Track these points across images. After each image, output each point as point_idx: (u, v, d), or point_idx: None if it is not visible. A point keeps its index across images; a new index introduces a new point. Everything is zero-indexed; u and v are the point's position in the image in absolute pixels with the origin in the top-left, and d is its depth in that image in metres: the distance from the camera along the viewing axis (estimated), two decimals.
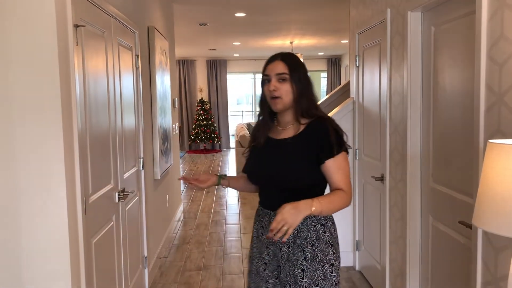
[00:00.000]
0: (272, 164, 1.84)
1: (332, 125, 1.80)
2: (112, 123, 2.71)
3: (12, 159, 1.89)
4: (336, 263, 1.82)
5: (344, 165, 1.80)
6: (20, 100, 1.89)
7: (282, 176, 1.80)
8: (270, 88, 1.81)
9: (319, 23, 7.76)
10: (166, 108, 4.65)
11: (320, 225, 1.80)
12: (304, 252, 1.78)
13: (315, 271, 1.77)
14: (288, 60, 1.84)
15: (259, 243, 1.92)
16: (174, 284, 3.74)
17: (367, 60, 3.62)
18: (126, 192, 2.88)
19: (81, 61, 2.19)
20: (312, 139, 1.79)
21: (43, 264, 1.94)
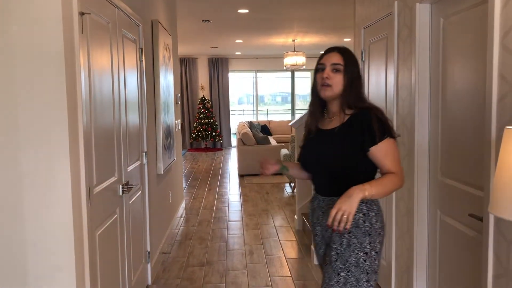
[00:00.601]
0: (320, 153, 1.97)
1: (375, 114, 1.87)
2: (116, 115, 2.68)
3: (16, 149, 1.87)
4: (371, 253, 1.87)
5: (392, 150, 1.87)
6: (24, 90, 1.86)
7: (330, 164, 1.93)
8: (324, 75, 1.91)
9: (322, 20, 7.73)
10: (169, 103, 4.62)
11: (361, 214, 1.87)
12: (341, 237, 1.88)
13: (349, 257, 1.86)
14: (345, 53, 1.94)
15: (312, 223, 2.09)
16: (177, 279, 3.71)
17: (373, 54, 3.58)
18: (130, 185, 2.85)
19: (86, 50, 2.16)
20: (355, 128, 1.88)
21: (48, 254, 1.92)
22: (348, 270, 1.84)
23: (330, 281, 1.88)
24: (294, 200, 6.51)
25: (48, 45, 1.87)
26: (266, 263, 4.06)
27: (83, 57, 2.10)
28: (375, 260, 1.88)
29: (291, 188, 7.43)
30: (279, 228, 5.16)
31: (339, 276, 1.85)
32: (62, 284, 1.93)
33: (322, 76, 1.92)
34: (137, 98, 3.32)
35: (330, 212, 1.73)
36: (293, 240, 4.70)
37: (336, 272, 1.86)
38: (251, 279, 3.69)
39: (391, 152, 1.86)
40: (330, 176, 1.95)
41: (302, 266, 3.98)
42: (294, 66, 9.87)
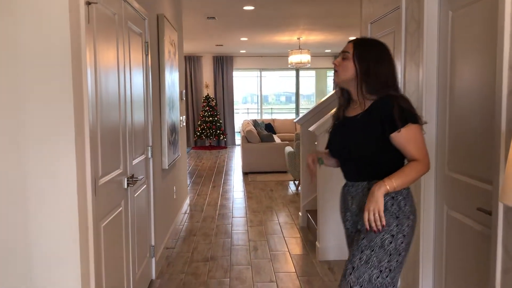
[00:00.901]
0: (344, 140, 2.03)
1: (396, 101, 1.87)
2: (122, 108, 2.67)
3: (23, 141, 1.86)
4: (398, 235, 1.89)
5: (415, 136, 1.87)
6: (30, 81, 1.85)
7: (353, 151, 1.98)
8: (333, 62, 2.02)
9: (327, 17, 7.71)
10: (174, 99, 4.61)
11: (389, 197, 1.90)
12: None
13: (374, 237, 1.89)
14: (357, 41, 2.01)
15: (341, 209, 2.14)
16: (182, 274, 3.70)
17: None
18: (135, 178, 2.84)
19: (92, 41, 2.15)
20: (375, 115, 1.91)
21: (52, 244, 1.91)
22: (372, 250, 1.88)
23: (353, 258, 1.92)
24: (298, 198, 6.49)
25: (54, 35, 1.86)
26: (270, 259, 4.05)
27: (89, 47, 2.09)
28: (402, 243, 1.90)
29: (295, 185, 7.42)
30: (283, 224, 5.14)
31: (362, 254, 1.89)
32: (66, 274, 1.93)
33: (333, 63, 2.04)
34: (143, 92, 3.31)
35: (363, 217, 1.83)
36: (297, 237, 4.69)
37: (360, 249, 1.91)
38: (256, 275, 3.68)
39: (413, 139, 1.86)
40: (354, 162, 2.01)
41: (307, 262, 3.96)
42: (299, 64, 9.85)
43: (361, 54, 1.96)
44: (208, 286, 3.47)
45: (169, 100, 4.26)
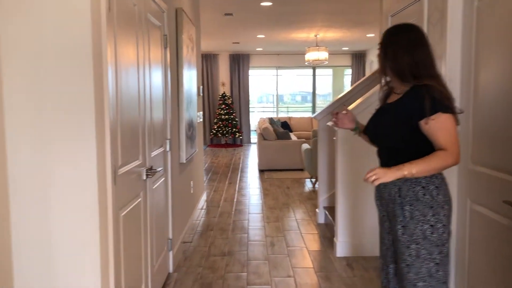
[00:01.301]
0: (377, 126, 2.08)
1: (428, 90, 1.83)
2: (141, 99, 2.67)
3: (41, 129, 1.87)
4: (437, 225, 1.87)
5: (445, 126, 1.83)
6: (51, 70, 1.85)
7: (384, 137, 2.02)
8: None
9: (346, 14, 7.64)
10: (192, 93, 4.61)
11: (419, 187, 1.88)
12: (403, 210, 1.91)
13: (414, 229, 1.88)
14: (386, 31, 2.03)
15: (377, 196, 2.15)
16: (199, 268, 3.70)
17: None
18: (154, 170, 2.84)
19: (112, 30, 2.15)
20: (406, 103, 1.91)
21: (73, 231, 1.91)
22: (417, 243, 1.87)
23: (402, 255, 1.91)
24: (315, 195, 6.45)
25: (75, 24, 1.85)
26: (287, 254, 4.02)
27: (110, 37, 2.08)
28: (443, 233, 1.88)
29: (311, 183, 7.37)
30: (300, 221, 5.11)
31: (409, 249, 1.89)
32: (86, 261, 1.93)
33: None
34: (161, 85, 3.31)
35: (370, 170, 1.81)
36: (314, 233, 4.65)
37: (405, 245, 1.90)
38: (273, 270, 3.65)
39: (443, 128, 1.83)
40: (386, 150, 2.05)
41: (325, 258, 3.92)
42: (316, 61, 9.79)
43: (387, 44, 1.97)
44: (225, 280, 3.46)
45: (187, 94, 4.26)
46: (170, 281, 3.43)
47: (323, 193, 5.02)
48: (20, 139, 1.87)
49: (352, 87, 5.09)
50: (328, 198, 5.00)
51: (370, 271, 3.61)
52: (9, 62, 1.84)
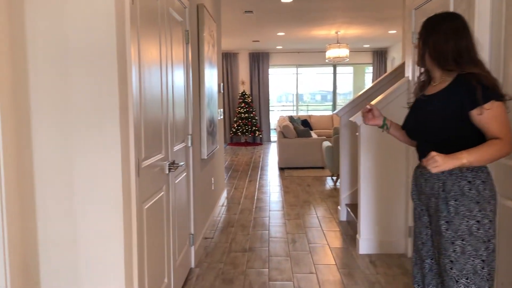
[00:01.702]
0: (421, 119, 1.98)
1: (477, 78, 1.78)
2: (164, 93, 2.67)
3: (66, 125, 1.88)
4: (484, 221, 1.81)
5: (497, 114, 1.76)
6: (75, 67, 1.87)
7: (429, 130, 1.92)
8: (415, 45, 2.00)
9: (367, 10, 7.55)
10: (213, 90, 4.62)
11: (465, 182, 1.83)
12: (448, 205, 1.85)
13: (459, 225, 1.82)
14: (426, 20, 1.96)
15: (415, 190, 2.08)
16: (220, 263, 3.70)
17: None
18: (176, 164, 2.84)
19: (136, 25, 2.15)
20: (454, 93, 1.84)
21: (97, 222, 1.92)
22: (463, 239, 1.81)
23: (446, 251, 1.85)
24: (336, 193, 6.39)
25: (99, 20, 1.86)
26: (309, 251, 3.98)
27: (133, 32, 2.09)
28: (489, 229, 1.82)
29: (333, 181, 7.31)
30: (321, 218, 5.06)
31: (454, 245, 1.83)
32: (110, 252, 1.94)
33: None
34: (183, 80, 3.32)
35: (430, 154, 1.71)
36: (336, 231, 4.60)
37: (450, 241, 1.84)
38: (295, 266, 3.63)
39: (496, 117, 1.76)
40: (430, 143, 1.93)
41: (347, 255, 3.88)
42: (337, 58, 9.71)
43: (427, 32, 1.91)
44: (247, 275, 3.45)
45: (208, 90, 4.27)
46: (192, 276, 3.43)
47: (345, 191, 4.96)
48: (46, 135, 1.89)
49: (374, 83, 5.02)
50: (350, 195, 4.95)
51: (394, 268, 3.55)
52: (35, 60, 1.86)
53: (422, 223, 2.05)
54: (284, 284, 3.29)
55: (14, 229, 1.75)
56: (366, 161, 3.85)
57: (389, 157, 3.83)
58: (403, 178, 3.82)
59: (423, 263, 2.05)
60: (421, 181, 2.00)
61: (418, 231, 2.07)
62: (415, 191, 2.08)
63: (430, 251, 2.02)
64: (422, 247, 2.05)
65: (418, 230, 2.08)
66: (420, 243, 2.06)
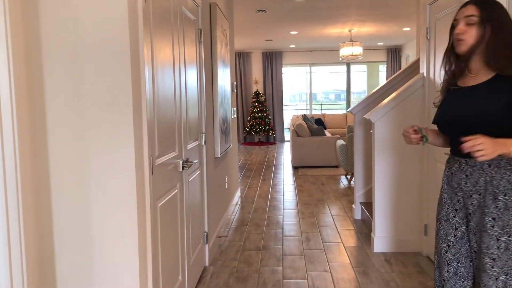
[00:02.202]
0: (461, 111, 1.84)
1: None
2: (177, 92, 2.69)
3: (81, 124, 1.90)
4: None
5: None
6: (89, 66, 1.88)
7: (471, 123, 1.78)
8: (456, 31, 1.79)
9: (381, 7, 7.49)
10: (226, 88, 4.63)
11: None
12: (496, 201, 1.75)
13: (508, 221, 1.73)
14: (481, 3, 1.76)
15: (449, 189, 1.94)
16: (234, 262, 3.70)
17: (440, 31, 3.39)
18: (190, 162, 2.85)
19: (148, 24, 2.16)
20: (506, 83, 1.73)
21: (111, 219, 1.93)
22: (509, 235, 1.72)
23: (489, 250, 1.76)
24: (350, 191, 6.35)
25: (112, 20, 1.87)
26: (323, 249, 3.96)
27: (146, 31, 2.10)
28: None
29: (347, 179, 7.26)
30: (336, 217, 5.04)
31: (499, 242, 1.74)
32: (125, 249, 1.95)
33: (455, 32, 1.80)
34: (196, 79, 3.33)
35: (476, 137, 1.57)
36: (351, 229, 4.57)
37: (495, 238, 1.75)
38: (309, 264, 3.61)
39: None
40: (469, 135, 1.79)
41: (362, 253, 3.85)
42: (351, 57, 9.65)
43: (491, 16, 1.73)
44: (261, 274, 3.45)
45: (221, 89, 4.27)
46: (206, 274, 3.44)
47: (359, 189, 4.93)
48: (61, 134, 1.90)
49: (388, 80, 4.97)
50: (364, 194, 4.91)
51: (409, 266, 3.52)
52: (51, 60, 1.87)
53: (450, 224, 1.94)
54: (298, 282, 3.28)
55: (30, 228, 1.77)
56: (380, 159, 3.82)
57: (404, 155, 3.79)
58: (418, 176, 3.78)
59: (448, 267, 1.95)
60: (459, 177, 1.87)
61: (444, 233, 1.96)
62: (448, 190, 1.95)
63: (457, 254, 1.92)
64: (448, 250, 1.94)
65: (444, 232, 1.96)
66: (445, 245, 1.95)
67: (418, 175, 3.78)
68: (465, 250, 1.90)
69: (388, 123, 3.79)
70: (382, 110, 3.78)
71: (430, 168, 3.62)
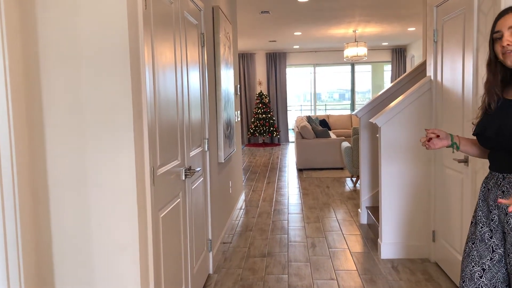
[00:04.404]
0: (502, 126, 1.71)
1: None
2: (179, 99, 2.63)
3: (79, 132, 1.85)
4: None
5: None
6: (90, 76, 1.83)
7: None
8: (503, 44, 1.65)
9: (385, 7, 7.41)
10: (229, 93, 4.57)
11: None
12: None
13: None
14: None
15: (484, 206, 1.83)
16: (239, 269, 3.64)
17: (447, 33, 3.32)
18: (192, 170, 2.80)
19: (149, 29, 2.11)
20: None
21: (112, 233, 1.88)
22: None
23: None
24: (356, 194, 6.28)
25: (112, 24, 1.82)
26: (329, 256, 3.90)
27: (147, 36, 2.05)
28: None
29: (352, 182, 7.19)
30: (341, 221, 4.97)
31: None
32: (126, 262, 1.89)
33: (501, 45, 1.66)
34: (199, 84, 3.27)
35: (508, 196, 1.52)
36: (357, 234, 4.50)
37: None
38: (314, 272, 3.55)
39: None
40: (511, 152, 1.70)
41: (369, 260, 3.78)
42: (355, 57, 9.57)
43: None
44: (266, 282, 3.39)
45: (224, 93, 4.22)
46: (210, 283, 3.39)
47: (365, 193, 4.86)
48: (58, 141, 1.85)
49: (394, 83, 4.90)
50: (370, 198, 4.84)
51: (417, 274, 3.45)
52: (47, 63, 1.83)
53: (486, 246, 1.79)
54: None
55: (28, 239, 1.72)
56: (387, 164, 3.75)
57: (411, 159, 3.72)
58: (426, 181, 3.70)
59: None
60: (496, 193, 1.75)
61: (478, 255, 1.80)
62: (483, 207, 1.83)
63: (493, 279, 1.77)
64: (483, 275, 1.78)
65: (477, 254, 1.80)
66: (479, 269, 1.79)
67: (426, 180, 3.71)
68: (502, 274, 1.77)
69: (395, 127, 3.72)
70: (389, 114, 3.71)
71: (438, 173, 3.54)
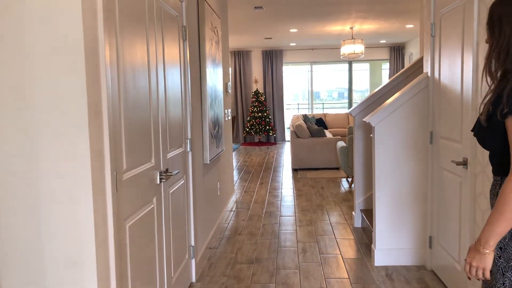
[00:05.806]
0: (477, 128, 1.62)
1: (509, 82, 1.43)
2: (153, 97, 2.41)
3: (30, 135, 1.64)
4: None
5: None
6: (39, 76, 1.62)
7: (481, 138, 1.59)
8: None
9: (383, 3, 7.19)
10: (217, 90, 4.35)
11: None
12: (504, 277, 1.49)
13: None
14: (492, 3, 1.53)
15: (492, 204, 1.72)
16: (224, 277, 3.43)
17: (445, 27, 3.11)
18: (169, 173, 2.58)
19: (113, 22, 1.89)
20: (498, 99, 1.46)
21: (65, 248, 1.67)
22: None
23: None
24: (351, 196, 6.08)
25: (62, 13, 1.61)
26: (320, 262, 3.69)
27: (109, 30, 1.83)
28: None
29: (348, 183, 6.98)
30: (335, 225, 4.76)
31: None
32: (81, 278, 1.68)
33: None
34: (180, 81, 3.06)
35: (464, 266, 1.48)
36: (350, 239, 4.30)
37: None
38: (304, 280, 3.34)
39: None
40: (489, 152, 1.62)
41: (362, 267, 3.57)
42: (352, 55, 9.35)
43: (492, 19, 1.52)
44: None
45: (211, 91, 4.00)
46: None
47: (360, 195, 4.65)
48: (5, 147, 1.65)
49: (390, 80, 4.69)
50: (365, 200, 4.63)
51: (412, 283, 3.24)
52: None
53: None
54: None
55: None
56: (381, 165, 3.54)
57: (406, 161, 3.51)
58: (423, 184, 3.50)
59: None
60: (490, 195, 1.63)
61: None
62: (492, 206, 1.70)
63: None
64: None
65: None
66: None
67: (422, 183, 3.50)
68: None
69: (389, 127, 3.51)
70: (383, 113, 3.50)
71: (435, 176, 3.34)
